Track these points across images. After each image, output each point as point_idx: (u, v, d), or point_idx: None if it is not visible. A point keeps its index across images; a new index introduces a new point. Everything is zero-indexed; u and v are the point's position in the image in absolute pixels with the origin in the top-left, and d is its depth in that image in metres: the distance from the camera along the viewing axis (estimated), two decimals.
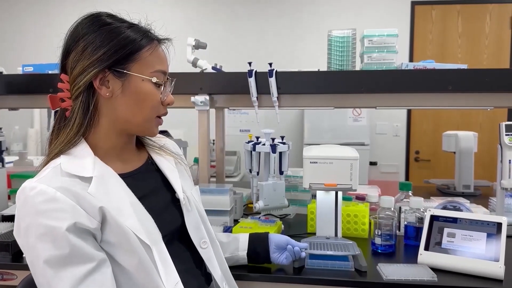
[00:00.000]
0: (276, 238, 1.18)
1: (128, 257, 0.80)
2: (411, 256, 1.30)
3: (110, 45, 0.84)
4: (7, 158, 2.41)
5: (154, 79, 0.88)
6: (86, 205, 0.78)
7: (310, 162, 1.23)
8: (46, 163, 0.85)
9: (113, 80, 0.85)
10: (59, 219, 0.74)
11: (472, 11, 3.82)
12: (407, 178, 3.98)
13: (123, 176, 0.88)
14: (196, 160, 2.07)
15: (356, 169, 1.22)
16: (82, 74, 0.83)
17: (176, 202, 0.96)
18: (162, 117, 0.94)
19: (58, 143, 0.85)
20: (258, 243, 1.17)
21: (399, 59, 1.65)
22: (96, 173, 0.83)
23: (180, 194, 0.96)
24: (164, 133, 2.10)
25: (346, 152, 1.24)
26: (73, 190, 0.77)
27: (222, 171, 2.17)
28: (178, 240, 0.94)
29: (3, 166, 2.22)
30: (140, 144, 1.02)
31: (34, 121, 4.34)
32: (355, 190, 1.25)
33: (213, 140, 2.23)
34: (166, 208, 0.94)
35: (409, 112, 3.95)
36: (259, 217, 1.50)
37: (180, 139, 2.08)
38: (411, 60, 3.87)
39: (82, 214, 0.76)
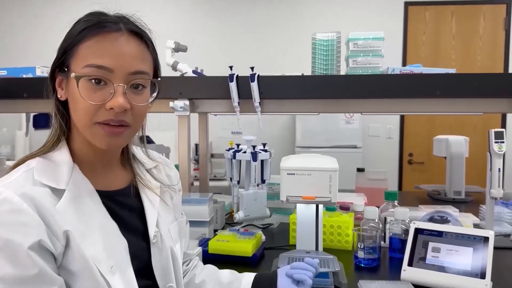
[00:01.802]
0: (285, 282, 0.98)
1: None
2: (395, 271, 1.24)
3: (61, 43, 0.77)
4: None
5: (73, 75, 0.73)
6: (52, 224, 0.70)
7: (288, 174, 1.17)
8: (21, 161, 0.78)
9: (63, 80, 0.78)
10: (21, 234, 0.66)
11: (466, 12, 3.77)
12: (400, 181, 3.92)
13: (101, 194, 0.79)
14: (176, 167, 2.00)
15: (336, 181, 1.15)
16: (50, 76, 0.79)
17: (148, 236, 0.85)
18: (114, 124, 0.74)
19: (43, 145, 0.79)
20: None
21: (392, 60, 1.61)
22: (71, 185, 0.75)
23: (151, 230, 0.84)
24: (146, 137, 2.04)
25: (325, 163, 1.17)
26: (41, 203, 0.70)
27: (205, 177, 2.11)
28: (142, 276, 0.82)
29: None
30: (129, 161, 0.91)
31: (22, 123, 4.27)
32: (335, 203, 1.19)
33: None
34: (135, 241, 0.82)
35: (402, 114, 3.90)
36: (238, 229, 1.44)
37: (162, 145, 2.02)
38: (404, 60, 3.81)
39: (47, 232, 0.69)
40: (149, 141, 2.04)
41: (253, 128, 2.29)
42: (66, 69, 0.76)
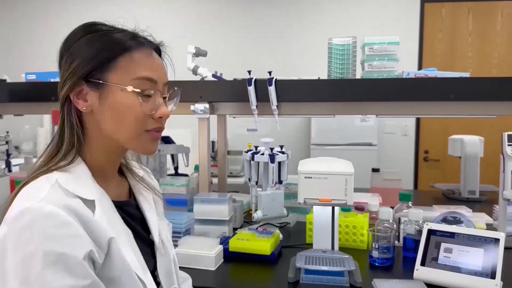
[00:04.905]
0: None
1: None
2: (409, 270, 1.29)
3: (86, 54, 0.76)
4: (15, 160, 2.44)
5: (130, 88, 0.76)
6: (95, 234, 0.70)
7: (305, 177, 1.22)
8: (35, 175, 0.75)
9: (90, 92, 0.77)
10: (74, 246, 0.66)
11: (483, 8, 3.75)
12: (415, 179, 3.94)
13: (116, 205, 0.81)
14: (196, 168, 2.07)
15: (351, 184, 1.20)
16: (62, 87, 0.78)
17: (150, 244, 0.89)
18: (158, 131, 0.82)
19: (55, 159, 0.78)
20: None
21: (409, 58, 1.64)
22: (96, 196, 0.76)
23: (155, 237, 0.88)
24: (166, 138, 2.11)
25: (341, 167, 1.23)
26: (83, 214, 0.70)
27: (224, 176, 2.17)
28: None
29: (9, 171, 2.25)
30: (121, 172, 0.93)
31: (44, 120, 4.39)
32: (350, 206, 1.25)
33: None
34: (144, 248, 0.85)
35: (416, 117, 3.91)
36: (257, 228, 1.50)
37: (182, 145, 2.08)
38: (420, 58, 3.82)
39: (92, 243, 0.70)
40: (170, 141, 2.11)
41: (268, 126, 2.35)
42: (99, 81, 0.76)
